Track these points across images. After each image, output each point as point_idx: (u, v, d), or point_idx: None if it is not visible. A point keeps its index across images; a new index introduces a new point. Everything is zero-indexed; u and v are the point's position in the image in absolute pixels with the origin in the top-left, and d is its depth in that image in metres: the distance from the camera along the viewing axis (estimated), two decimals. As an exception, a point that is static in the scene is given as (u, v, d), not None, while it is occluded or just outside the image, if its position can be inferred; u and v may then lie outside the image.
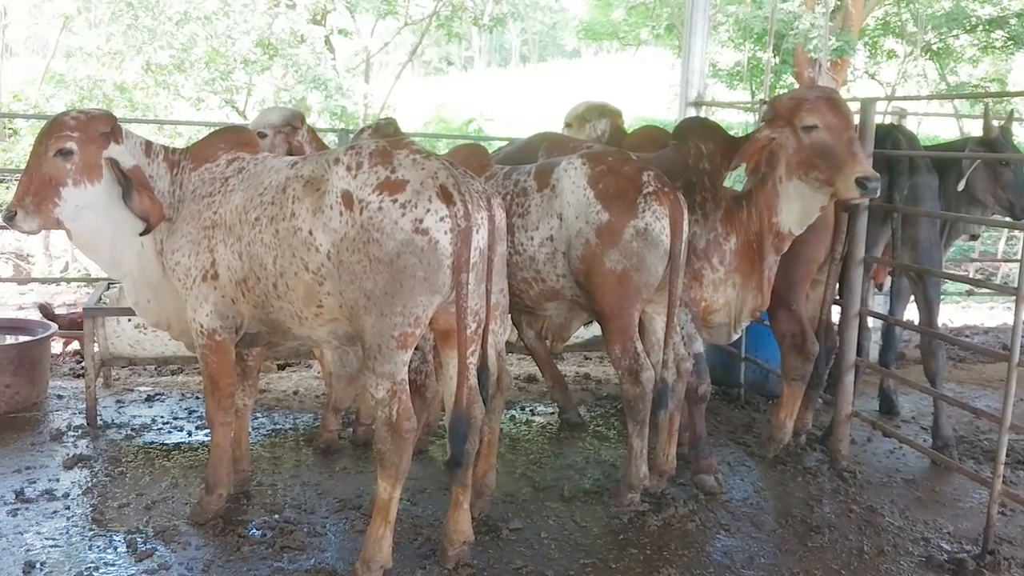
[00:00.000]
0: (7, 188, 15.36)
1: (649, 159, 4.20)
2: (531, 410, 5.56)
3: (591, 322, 4.96)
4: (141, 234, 3.64)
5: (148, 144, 3.79)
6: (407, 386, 3.29)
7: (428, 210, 3.12)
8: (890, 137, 4.64)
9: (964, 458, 4.86)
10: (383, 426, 3.25)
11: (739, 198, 4.11)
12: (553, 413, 5.42)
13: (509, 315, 4.61)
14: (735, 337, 4.48)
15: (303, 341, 3.82)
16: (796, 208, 3.95)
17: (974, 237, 5.50)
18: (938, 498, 4.40)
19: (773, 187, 3.95)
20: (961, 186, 4.72)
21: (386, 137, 4.10)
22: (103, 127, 3.62)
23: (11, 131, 17.96)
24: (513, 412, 5.46)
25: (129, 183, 3.56)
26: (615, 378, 5.91)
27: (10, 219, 3.57)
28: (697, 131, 4.29)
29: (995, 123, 4.88)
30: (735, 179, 4.33)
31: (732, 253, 4.15)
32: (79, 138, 3.56)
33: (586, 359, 6.87)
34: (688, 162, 4.21)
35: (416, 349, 3.87)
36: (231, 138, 3.87)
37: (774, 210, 3.98)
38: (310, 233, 3.28)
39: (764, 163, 3.93)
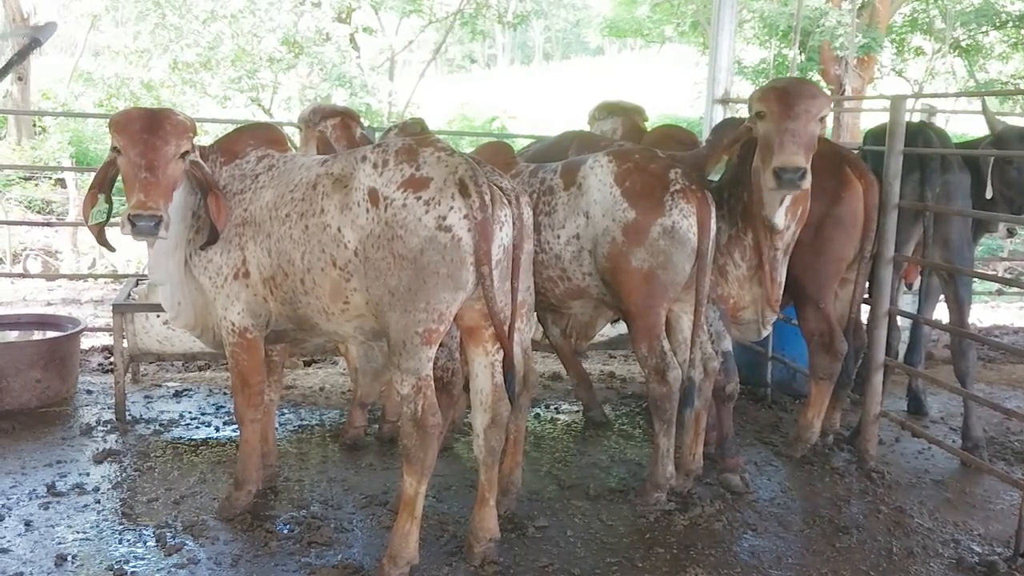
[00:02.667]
0: (36, 185, 15.55)
1: (683, 156, 4.17)
2: (556, 408, 5.56)
3: (617, 320, 4.96)
4: (207, 244, 3.61)
5: None
6: (432, 382, 3.30)
7: (451, 207, 3.13)
8: (921, 135, 4.59)
9: (995, 459, 4.80)
10: (408, 421, 3.27)
11: (747, 194, 4.06)
12: (578, 411, 5.41)
13: (535, 313, 4.62)
14: (765, 333, 4.45)
15: (330, 337, 3.84)
16: (772, 200, 3.89)
17: (1011, 233, 5.42)
18: (968, 499, 4.35)
19: (757, 180, 3.89)
20: (989, 193, 4.65)
21: (413, 136, 4.11)
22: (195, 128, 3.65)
23: (40, 129, 18.19)
24: (538, 410, 5.46)
25: (208, 186, 3.56)
26: (640, 376, 5.91)
27: (158, 226, 3.30)
28: (732, 128, 4.25)
29: (998, 119, 4.84)
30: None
31: (751, 249, 4.12)
32: (192, 139, 3.55)
33: (611, 357, 6.86)
34: (727, 159, 4.18)
35: (442, 346, 3.89)
36: (260, 135, 3.89)
37: (762, 203, 3.93)
38: (338, 230, 3.30)
39: (755, 155, 3.88)
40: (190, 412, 5.26)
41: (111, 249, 3.87)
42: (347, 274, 3.33)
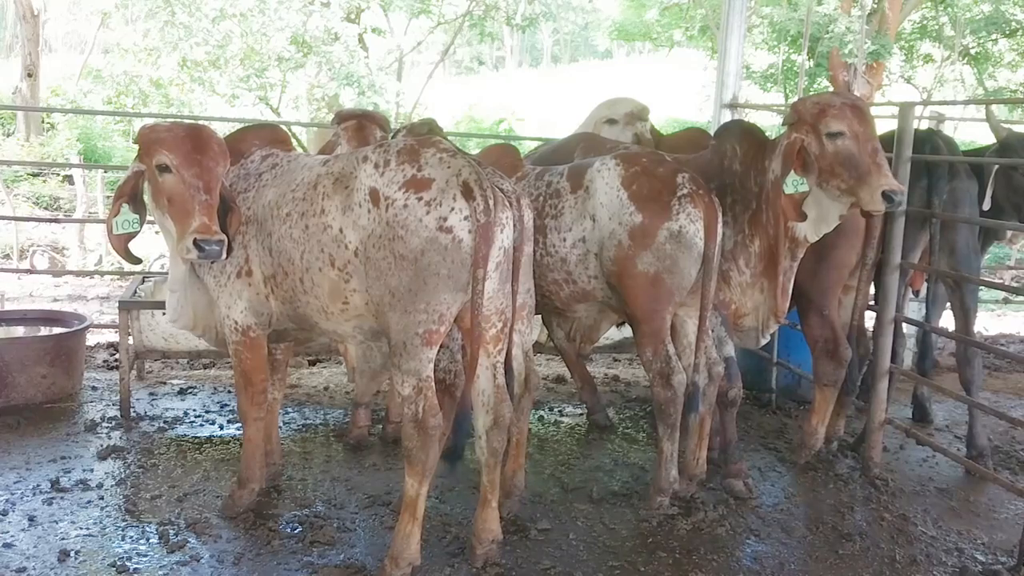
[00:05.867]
0: (44, 181, 15.61)
1: (687, 160, 4.17)
2: (559, 411, 5.55)
3: (621, 323, 4.95)
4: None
5: None
6: (433, 383, 3.30)
7: (452, 208, 3.13)
8: (929, 142, 4.58)
9: (999, 468, 4.79)
10: (409, 423, 3.27)
11: (758, 201, 4.05)
12: (582, 414, 5.41)
13: (540, 315, 4.62)
14: (764, 341, 4.44)
15: (330, 335, 3.84)
16: (812, 215, 3.88)
17: None
18: (972, 508, 4.33)
19: (796, 195, 3.86)
20: (987, 204, 4.62)
21: (417, 136, 4.11)
22: None
23: (49, 125, 18.25)
24: (542, 413, 5.46)
25: (231, 204, 3.56)
26: (644, 380, 5.91)
27: (222, 249, 3.32)
28: (735, 133, 4.26)
29: (1002, 125, 4.83)
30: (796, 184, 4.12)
31: (757, 256, 4.12)
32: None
33: (615, 361, 6.85)
34: (723, 164, 4.18)
35: (444, 348, 3.89)
36: (264, 135, 3.91)
37: (794, 216, 3.90)
38: (340, 231, 3.30)
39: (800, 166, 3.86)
40: (194, 410, 5.27)
41: (136, 262, 3.83)
42: (346, 275, 3.33)
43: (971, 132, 18.26)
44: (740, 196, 4.11)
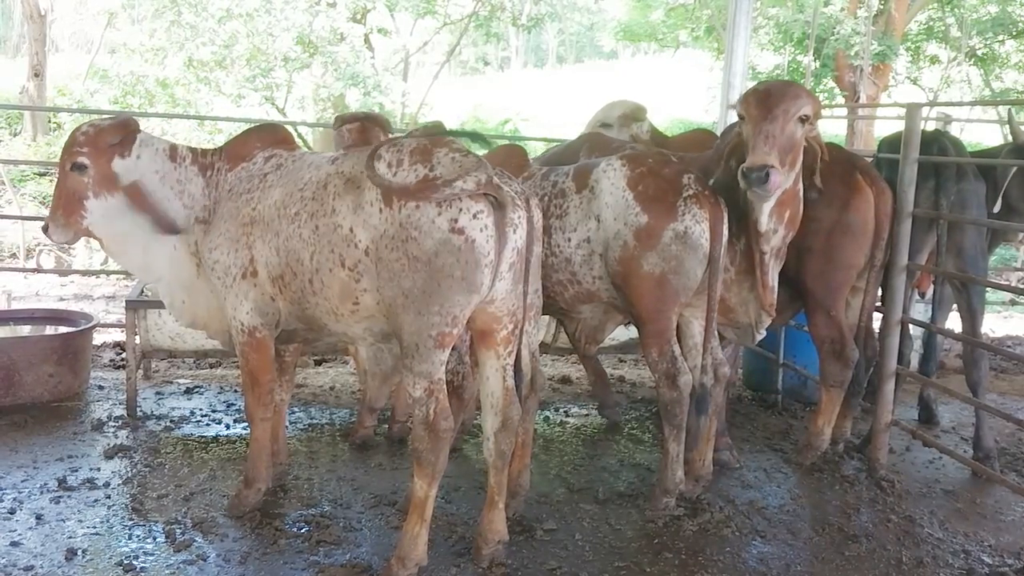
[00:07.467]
0: (50, 180, 15.62)
1: (690, 160, 4.17)
2: (565, 411, 5.55)
3: (627, 324, 4.95)
4: None
5: (172, 148, 3.83)
6: (444, 385, 3.30)
7: (463, 209, 3.12)
8: (936, 143, 4.57)
9: (1006, 470, 4.78)
10: (420, 425, 3.26)
11: (745, 200, 4.05)
12: (588, 415, 5.41)
13: (549, 315, 4.62)
14: (759, 337, 4.40)
15: (339, 337, 3.84)
16: (754, 202, 3.88)
17: None
18: (979, 510, 4.33)
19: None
20: (997, 206, 4.61)
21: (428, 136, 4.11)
22: (111, 139, 3.75)
23: (55, 125, 18.30)
24: (547, 413, 5.46)
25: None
26: (650, 381, 5.90)
27: (45, 231, 3.86)
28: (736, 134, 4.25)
29: (1023, 128, 4.81)
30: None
31: (741, 254, 4.10)
32: (89, 152, 3.73)
33: (621, 361, 6.85)
34: (722, 164, 4.17)
35: (452, 349, 3.89)
36: (267, 136, 3.90)
37: (751, 206, 3.91)
38: (350, 230, 3.29)
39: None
40: (201, 409, 5.28)
41: None
42: (357, 275, 3.32)
43: (978, 133, 18.23)
44: (729, 196, 4.07)
